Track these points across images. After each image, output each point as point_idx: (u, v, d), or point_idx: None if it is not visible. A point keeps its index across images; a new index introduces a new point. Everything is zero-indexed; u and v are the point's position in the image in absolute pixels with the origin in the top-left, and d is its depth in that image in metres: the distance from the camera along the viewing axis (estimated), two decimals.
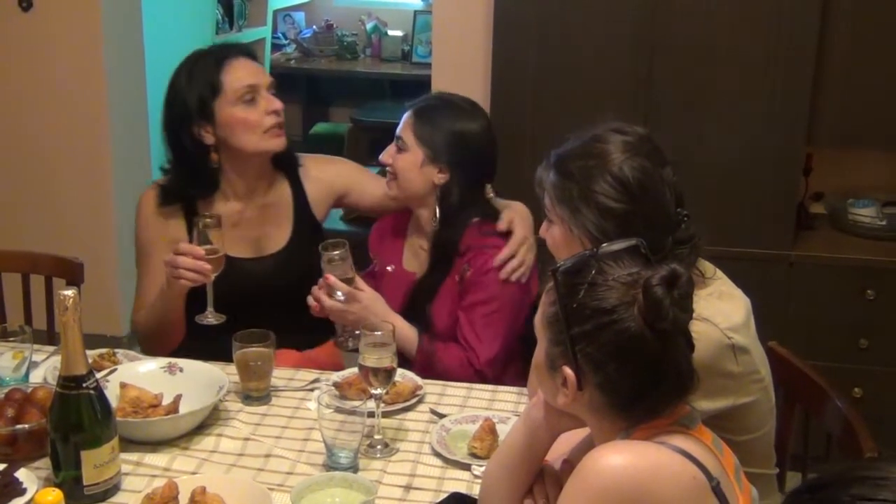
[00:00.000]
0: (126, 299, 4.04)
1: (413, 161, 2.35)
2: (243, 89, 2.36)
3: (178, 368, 2.12)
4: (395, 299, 2.43)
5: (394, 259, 2.50)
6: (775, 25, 3.09)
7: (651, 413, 1.41)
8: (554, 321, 1.44)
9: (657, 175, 1.84)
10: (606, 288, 1.40)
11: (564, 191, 1.86)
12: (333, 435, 1.86)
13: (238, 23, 6.10)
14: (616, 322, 1.38)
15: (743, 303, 1.88)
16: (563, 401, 1.45)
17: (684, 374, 1.43)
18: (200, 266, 2.18)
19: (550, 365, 1.46)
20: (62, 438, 1.73)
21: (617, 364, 1.39)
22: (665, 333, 1.38)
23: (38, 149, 4.01)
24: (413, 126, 2.36)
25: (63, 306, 1.68)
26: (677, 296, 1.37)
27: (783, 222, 3.25)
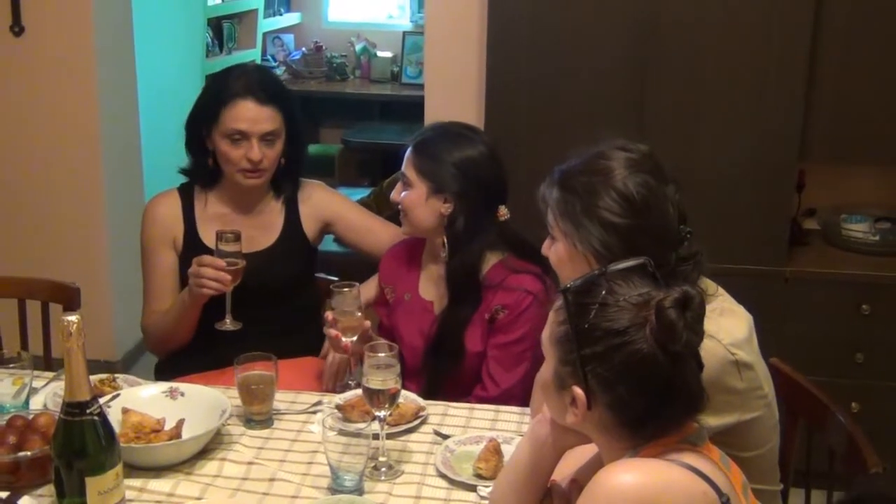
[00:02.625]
0: (121, 324, 4.04)
1: (418, 196, 2.37)
2: (232, 131, 2.51)
3: (180, 393, 2.12)
4: (414, 328, 2.44)
5: (409, 287, 2.50)
6: (766, 43, 3.12)
7: (660, 432, 1.42)
8: (564, 341, 1.44)
9: (660, 191, 1.85)
10: (617, 309, 1.40)
11: (568, 206, 1.86)
12: (338, 458, 1.85)
13: (228, 45, 6.12)
14: (628, 343, 1.38)
15: (745, 319, 1.89)
16: (572, 420, 1.44)
17: (695, 394, 1.44)
18: (221, 276, 2.36)
19: (559, 384, 1.46)
20: (66, 465, 1.71)
21: (628, 385, 1.39)
22: (677, 355, 1.38)
23: (31, 173, 3.99)
24: (414, 161, 2.38)
25: (67, 332, 1.67)
26: (690, 318, 1.37)
27: (777, 238, 3.27)
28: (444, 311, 2.41)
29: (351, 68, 6.73)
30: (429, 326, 2.41)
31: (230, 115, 2.49)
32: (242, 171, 2.53)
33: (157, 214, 2.63)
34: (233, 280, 2.37)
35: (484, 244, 2.38)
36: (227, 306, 2.41)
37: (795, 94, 3.14)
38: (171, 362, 2.65)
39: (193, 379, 2.36)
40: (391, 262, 2.56)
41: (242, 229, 2.48)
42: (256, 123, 2.50)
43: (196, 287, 2.38)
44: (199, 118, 2.58)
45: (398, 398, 1.96)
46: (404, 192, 2.40)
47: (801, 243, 3.44)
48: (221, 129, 2.50)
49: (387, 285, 2.54)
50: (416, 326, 2.44)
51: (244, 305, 2.45)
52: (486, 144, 2.42)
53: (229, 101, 2.50)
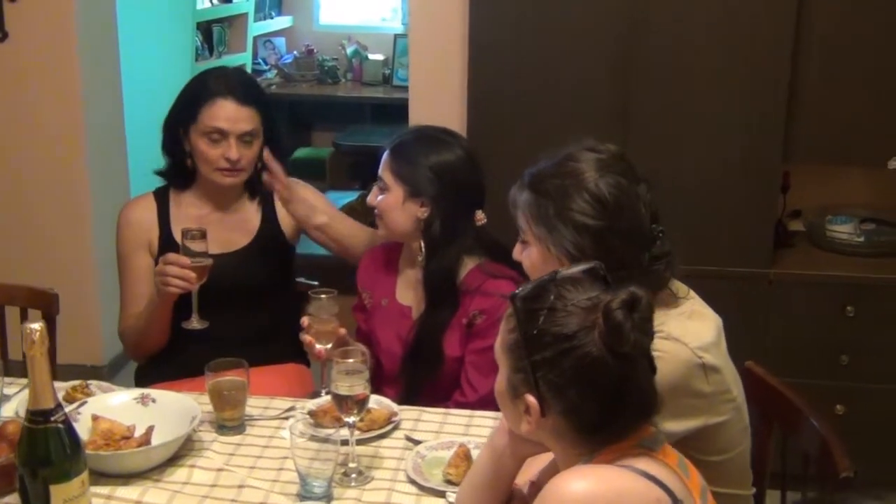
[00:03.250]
0: (107, 329, 4.03)
1: (394, 200, 2.36)
2: (210, 129, 2.51)
3: (151, 399, 2.11)
4: (392, 333, 2.44)
5: (387, 292, 2.49)
6: (750, 45, 3.11)
7: (615, 436, 1.41)
8: (514, 348, 1.43)
9: (632, 192, 1.85)
10: (566, 314, 1.39)
11: (540, 209, 1.86)
12: (307, 464, 1.84)
13: (218, 49, 6.11)
14: (577, 348, 1.37)
15: (714, 322, 1.88)
16: (527, 428, 1.44)
17: (647, 397, 1.43)
18: (186, 274, 2.35)
19: (512, 392, 1.45)
20: (31, 473, 1.69)
21: (579, 389, 1.38)
22: (627, 357, 1.37)
23: (16, 179, 3.99)
24: (390, 165, 2.37)
25: (30, 340, 1.66)
26: (638, 319, 1.37)
27: (761, 240, 3.26)
28: (421, 315, 2.40)
29: (342, 71, 6.72)
30: (406, 332, 2.41)
31: (209, 114, 2.50)
32: (220, 170, 2.53)
33: (132, 218, 2.63)
34: (198, 278, 2.36)
35: (461, 248, 2.37)
36: (193, 305, 2.40)
37: (779, 95, 3.13)
38: (150, 367, 2.65)
39: (170, 385, 2.35)
40: (368, 267, 2.55)
41: (218, 230, 2.48)
42: (235, 123, 2.51)
43: (161, 286, 2.38)
44: (177, 118, 2.58)
45: (367, 404, 1.95)
46: (381, 196, 2.39)
47: (787, 245, 3.43)
48: (200, 127, 2.51)
49: (364, 290, 2.53)
50: (394, 332, 2.43)
51: (221, 308, 2.45)
52: (463, 149, 2.42)
53: (208, 100, 2.51)
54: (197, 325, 2.41)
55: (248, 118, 2.53)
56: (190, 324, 2.41)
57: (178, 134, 2.57)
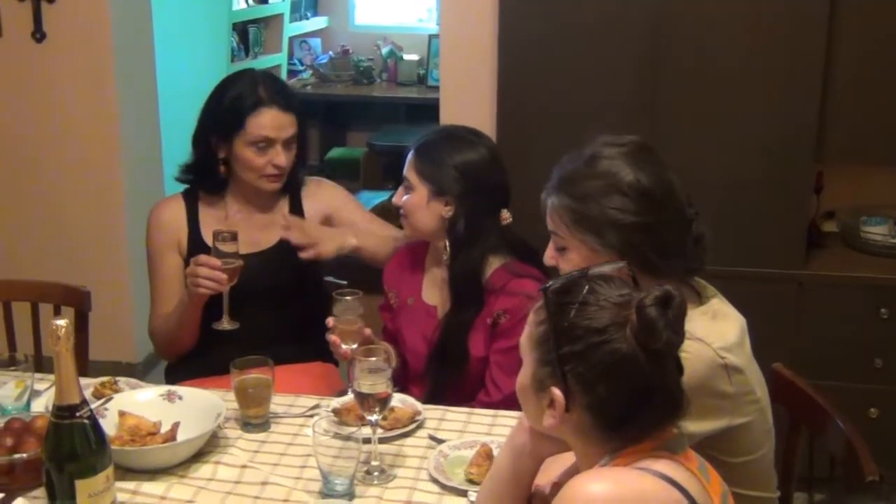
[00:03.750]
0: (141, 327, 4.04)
1: (419, 199, 2.37)
2: (260, 138, 2.52)
3: (178, 396, 2.12)
4: (417, 333, 2.44)
5: (413, 292, 2.50)
6: (782, 43, 3.08)
7: (638, 436, 1.40)
8: (543, 341, 1.42)
9: (668, 178, 1.84)
10: (598, 308, 1.39)
11: (581, 214, 1.83)
12: (330, 462, 1.85)
13: (254, 50, 6.16)
14: (607, 342, 1.36)
15: (737, 322, 1.86)
16: (550, 422, 1.42)
17: (674, 397, 1.41)
18: (217, 276, 2.37)
19: (537, 386, 1.44)
20: (57, 468, 1.72)
21: (607, 385, 1.37)
22: (657, 354, 1.36)
23: (52, 178, 4.05)
24: (415, 164, 2.38)
25: (55, 336, 1.68)
26: (671, 317, 1.36)
27: (794, 241, 3.23)
28: (446, 315, 2.40)
29: (377, 72, 6.75)
30: (432, 331, 2.41)
31: (256, 123, 2.51)
32: (266, 176, 2.55)
33: (162, 219, 2.65)
34: (229, 279, 2.38)
35: (486, 248, 2.37)
36: (224, 306, 2.42)
37: (812, 94, 3.09)
38: (179, 365, 2.67)
39: (198, 383, 2.37)
40: (395, 267, 2.56)
41: (246, 230, 2.50)
42: (282, 130, 2.54)
43: (192, 287, 2.40)
44: (215, 127, 2.57)
45: (389, 402, 1.96)
46: (406, 196, 2.39)
47: (820, 246, 3.40)
48: (248, 137, 2.51)
49: (390, 290, 2.54)
50: (420, 331, 2.44)
51: (250, 307, 2.47)
52: (488, 148, 2.42)
53: (254, 110, 2.52)
54: (227, 326, 2.43)
55: (291, 123, 2.56)
56: (220, 324, 2.44)
57: (211, 142, 2.58)
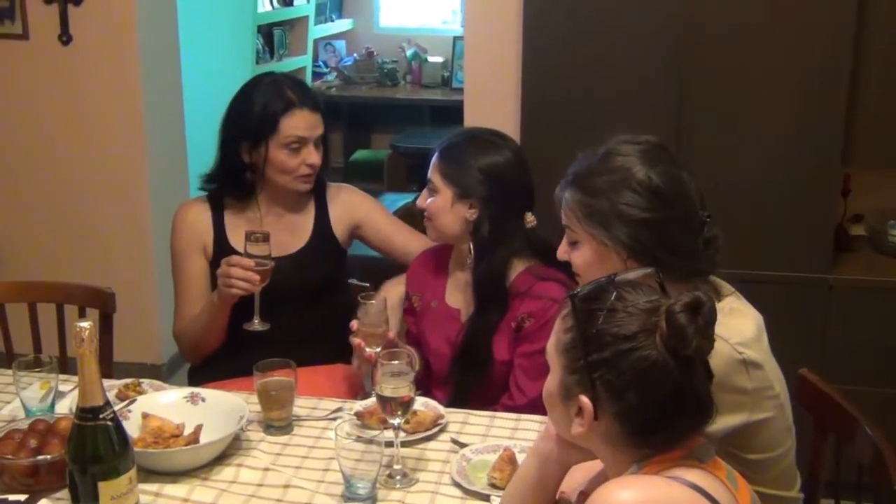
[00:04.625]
0: (165, 328, 4.07)
1: (444, 202, 2.36)
2: (294, 139, 2.53)
3: (201, 398, 2.13)
4: (441, 336, 2.43)
5: (436, 295, 2.49)
6: (809, 44, 3.05)
7: (667, 444, 1.38)
8: (570, 348, 1.41)
9: (681, 178, 1.85)
10: (626, 314, 1.37)
11: (591, 208, 1.84)
12: (352, 465, 1.84)
13: (279, 52, 6.17)
14: (636, 349, 1.35)
15: (754, 318, 1.85)
16: (578, 430, 1.41)
17: (704, 404, 1.40)
18: (250, 276, 2.37)
19: (565, 394, 1.43)
20: (80, 470, 1.72)
21: (636, 392, 1.35)
22: (687, 361, 1.35)
23: (78, 180, 4.07)
24: (439, 166, 2.37)
25: (79, 338, 1.69)
26: (701, 323, 1.34)
27: (821, 245, 3.19)
28: (470, 318, 2.39)
29: (402, 74, 6.75)
30: (455, 334, 2.40)
31: (290, 125, 2.52)
32: (300, 177, 2.56)
33: (187, 221, 2.66)
34: (261, 280, 2.38)
35: (510, 251, 2.36)
36: (255, 307, 2.42)
37: (840, 96, 3.07)
38: (203, 367, 2.68)
39: (221, 385, 2.37)
40: (418, 270, 2.55)
41: (273, 233, 2.50)
42: (314, 129, 2.55)
43: (225, 287, 2.40)
44: (247, 134, 2.55)
45: (412, 406, 1.95)
46: (430, 199, 2.39)
47: (847, 250, 3.37)
48: (281, 139, 2.52)
49: (414, 293, 2.53)
50: (443, 334, 2.43)
51: (276, 309, 2.47)
52: (512, 150, 2.41)
53: (287, 112, 2.52)
54: (259, 327, 2.43)
55: (320, 123, 2.58)
56: (252, 325, 2.43)
57: (241, 149, 2.56)
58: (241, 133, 2.56)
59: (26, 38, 3.95)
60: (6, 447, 1.90)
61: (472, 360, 2.36)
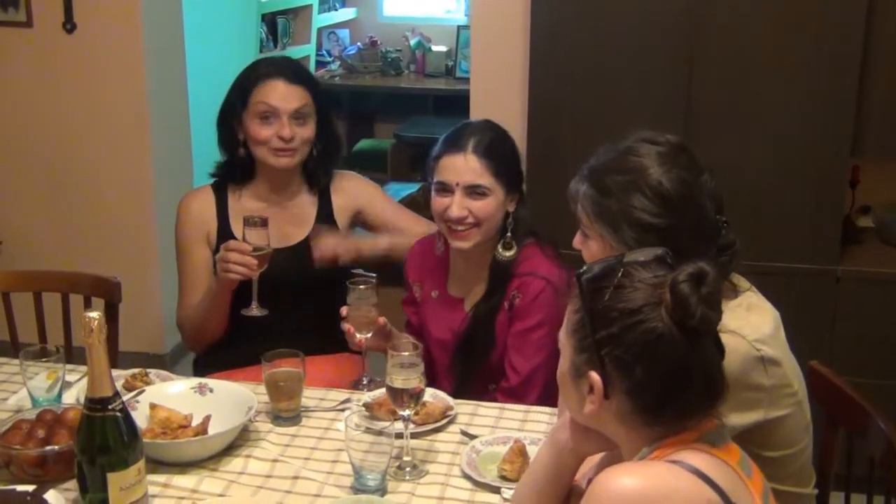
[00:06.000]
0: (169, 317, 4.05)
1: (497, 202, 2.30)
2: (262, 107, 2.53)
3: (209, 389, 2.12)
4: (444, 325, 2.42)
5: (436, 285, 2.47)
6: (818, 35, 3.03)
7: (679, 420, 1.37)
8: (578, 328, 1.41)
9: (696, 185, 1.80)
10: (632, 289, 1.37)
11: (602, 207, 1.81)
12: (362, 457, 1.83)
13: (282, 41, 6.15)
14: (643, 322, 1.34)
15: (771, 314, 1.83)
16: (590, 409, 1.40)
17: (714, 378, 1.39)
18: (247, 261, 2.36)
19: (575, 373, 1.42)
20: (89, 460, 1.71)
21: (645, 366, 1.35)
22: (694, 332, 1.34)
23: (82, 169, 4.06)
24: (487, 167, 2.27)
25: (88, 328, 1.67)
26: (705, 293, 1.33)
27: (829, 236, 3.18)
28: (478, 304, 2.37)
29: (405, 63, 6.73)
30: (459, 323, 2.39)
31: (260, 93, 2.53)
32: (274, 149, 2.54)
33: (191, 210, 2.65)
34: (259, 265, 2.37)
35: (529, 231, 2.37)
36: (253, 292, 2.41)
37: (849, 88, 3.05)
38: (208, 356, 2.67)
39: (231, 374, 2.36)
40: (417, 260, 2.53)
41: (275, 224, 2.48)
42: (286, 100, 2.53)
43: (223, 272, 2.40)
44: (230, 110, 2.59)
45: (422, 397, 1.94)
46: (476, 203, 2.28)
47: (855, 242, 3.35)
48: (252, 109, 2.53)
49: (414, 282, 2.52)
50: (446, 323, 2.41)
51: (279, 300, 2.46)
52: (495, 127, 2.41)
53: (259, 83, 2.54)
54: (256, 312, 2.41)
55: (299, 96, 2.55)
56: (250, 311, 2.42)
57: (233, 126, 2.59)
58: (228, 111, 2.59)
59: (30, 26, 3.94)
60: (14, 437, 1.89)
61: (477, 345, 2.35)
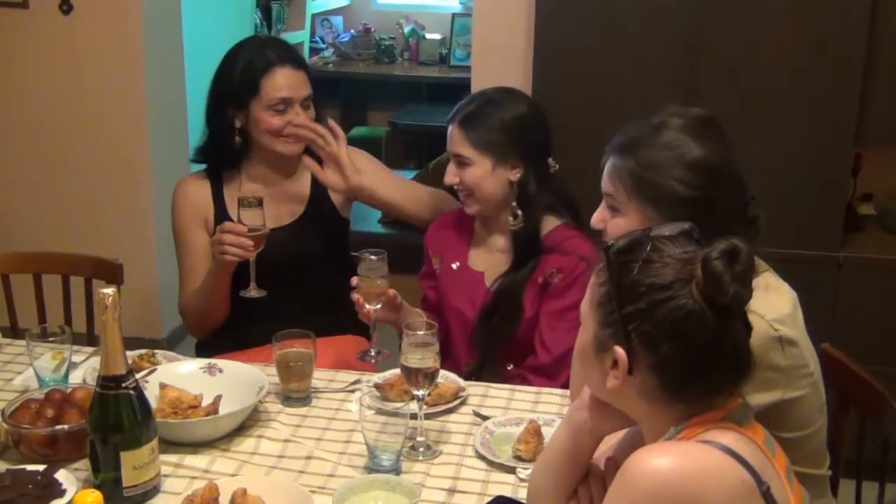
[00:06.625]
0: (166, 302, 4.05)
1: (483, 171, 2.31)
2: (277, 100, 2.48)
3: (218, 369, 2.10)
4: (464, 297, 2.41)
5: (458, 257, 2.46)
6: (823, 22, 3.02)
7: (705, 398, 1.35)
8: (605, 301, 1.38)
9: (731, 158, 1.81)
10: (662, 265, 1.34)
11: (641, 181, 1.79)
12: (375, 437, 1.82)
13: (276, 27, 6.11)
14: (672, 298, 1.32)
15: (789, 295, 1.82)
16: (613, 384, 1.37)
17: (742, 358, 1.37)
18: (243, 242, 2.34)
19: (599, 347, 1.39)
20: (101, 439, 1.70)
21: (672, 343, 1.32)
22: (725, 310, 1.31)
23: (78, 151, 4.03)
24: (467, 138, 2.31)
25: (103, 305, 1.66)
26: (739, 270, 1.30)
27: (831, 223, 3.18)
28: (504, 275, 2.36)
29: (399, 50, 6.70)
30: (481, 297, 2.38)
31: (272, 85, 2.47)
32: (285, 137, 2.51)
33: (188, 195, 2.62)
34: (256, 246, 2.35)
35: (546, 204, 2.36)
36: (251, 273, 2.39)
37: (852, 76, 3.04)
38: (209, 342, 2.64)
39: (234, 356, 2.34)
40: (437, 231, 2.52)
41: (269, 205, 2.45)
42: (298, 89, 2.51)
43: (219, 254, 2.37)
44: (228, 95, 2.52)
45: (437, 377, 1.93)
46: (463, 172, 2.33)
47: (857, 228, 3.35)
48: (264, 100, 2.48)
49: (434, 254, 2.50)
50: (467, 296, 2.41)
51: (278, 282, 2.44)
52: (527, 100, 2.43)
53: (268, 71, 2.48)
54: (255, 294, 2.40)
55: (305, 82, 2.53)
56: (248, 292, 2.41)
57: (227, 113, 2.53)
58: (226, 97, 2.53)
59: (26, 7, 3.90)
60: (23, 417, 1.87)
61: (501, 316, 2.34)
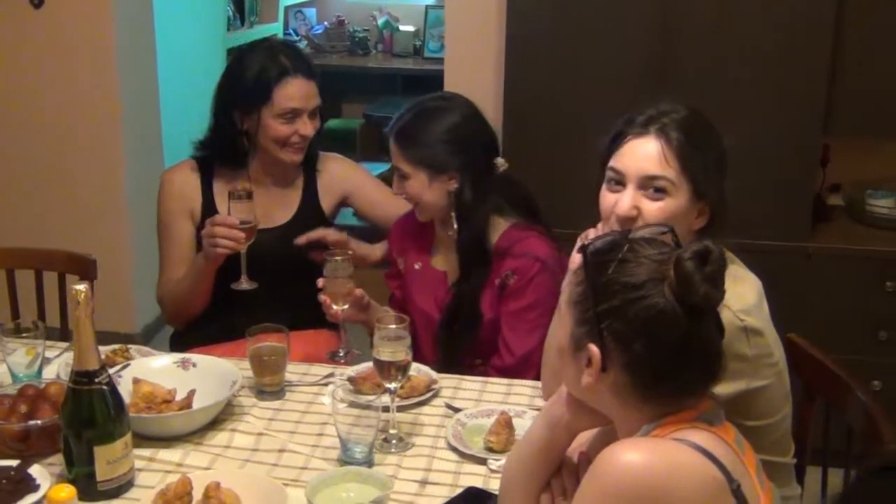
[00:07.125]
0: (140, 297, 4.05)
1: (420, 184, 2.32)
2: (288, 110, 2.50)
3: (192, 364, 2.11)
4: (428, 297, 2.42)
5: (420, 257, 2.47)
6: (790, 13, 3.06)
7: (677, 398, 1.38)
8: (581, 300, 1.41)
9: None
10: (636, 264, 1.37)
11: (694, 158, 1.81)
12: (348, 430, 1.84)
13: (249, 19, 6.10)
14: (645, 297, 1.34)
15: (755, 285, 1.86)
16: (587, 381, 1.40)
17: (713, 358, 1.40)
18: (234, 235, 2.35)
19: (575, 345, 1.42)
20: (75, 434, 1.71)
21: (644, 341, 1.35)
22: (696, 310, 1.34)
23: (52, 145, 4.01)
24: (402, 152, 2.32)
25: (75, 301, 1.67)
26: (709, 271, 1.33)
27: (799, 214, 3.22)
28: (457, 282, 2.38)
29: (373, 42, 6.69)
30: (443, 296, 2.40)
31: (284, 94, 2.48)
32: (291, 146, 2.53)
33: (175, 184, 2.62)
34: (246, 239, 2.36)
35: (490, 208, 2.35)
36: (242, 266, 2.40)
37: (820, 67, 3.08)
38: (185, 332, 2.65)
39: (208, 350, 2.35)
40: (400, 233, 2.54)
41: (261, 205, 2.46)
42: (308, 100, 2.52)
43: (210, 247, 2.38)
44: (238, 99, 2.53)
45: (409, 370, 1.95)
46: (403, 185, 2.34)
47: (825, 219, 3.39)
48: (275, 109, 2.49)
49: (398, 256, 2.52)
50: (431, 296, 2.42)
51: (264, 279, 2.45)
52: (464, 106, 2.37)
53: (281, 80, 2.49)
54: (246, 286, 2.42)
55: (316, 93, 2.54)
56: (239, 285, 2.42)
57: (234, 116, 2.54)
58: (236, 99, 2.53)
59: None
60: None
61: (461, 320, 2.36)
